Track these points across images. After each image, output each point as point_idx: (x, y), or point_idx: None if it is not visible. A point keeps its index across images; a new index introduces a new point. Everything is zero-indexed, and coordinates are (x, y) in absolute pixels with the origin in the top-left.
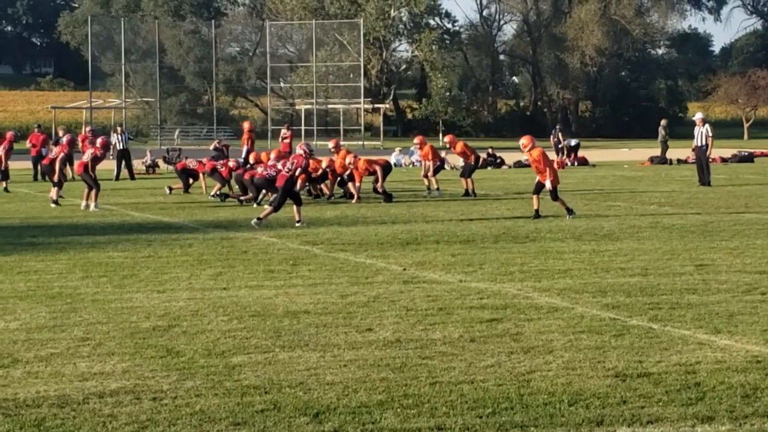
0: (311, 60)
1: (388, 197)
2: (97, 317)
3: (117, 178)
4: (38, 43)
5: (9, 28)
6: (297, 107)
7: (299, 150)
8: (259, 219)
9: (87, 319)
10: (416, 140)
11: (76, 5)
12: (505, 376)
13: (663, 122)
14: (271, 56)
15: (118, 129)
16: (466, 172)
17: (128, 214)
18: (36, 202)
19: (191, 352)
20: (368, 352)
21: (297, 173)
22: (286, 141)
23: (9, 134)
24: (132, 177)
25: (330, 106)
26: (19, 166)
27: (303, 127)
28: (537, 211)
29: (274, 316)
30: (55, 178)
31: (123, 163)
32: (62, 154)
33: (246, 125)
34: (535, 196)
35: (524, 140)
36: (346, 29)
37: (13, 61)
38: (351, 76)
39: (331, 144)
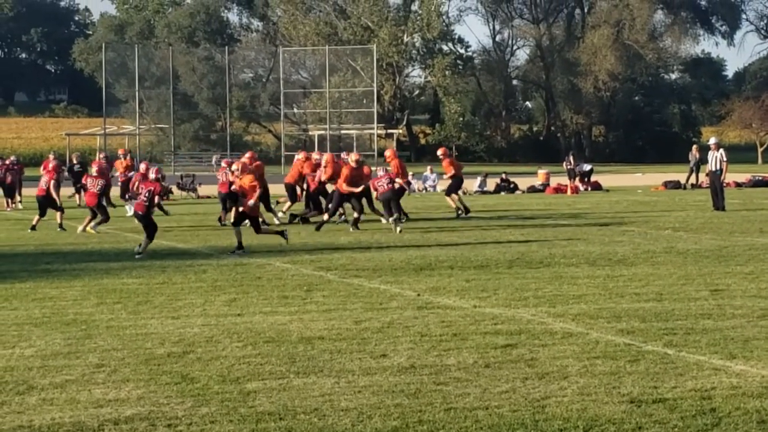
0: (324, 85)
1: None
2: (112, 344)
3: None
4: (53, 70)
5: (24, 55)
6: (310, 133)
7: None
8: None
9: (102, 346)
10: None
11: (91, 32)
12: (519, 402)
13: (694, 147)
14: (284, 82)
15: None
16: (452, 189)
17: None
18: (50, 230)
19: (206, 378)
20: (383, 377)
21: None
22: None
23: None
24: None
25: (343, 131)
26: (30, 192)
27: (317, 152)
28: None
29: (288, 342)
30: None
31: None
32: (53, 181)
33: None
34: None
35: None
36: (359, 55)
37: (28, 88)
38: (364, 101)
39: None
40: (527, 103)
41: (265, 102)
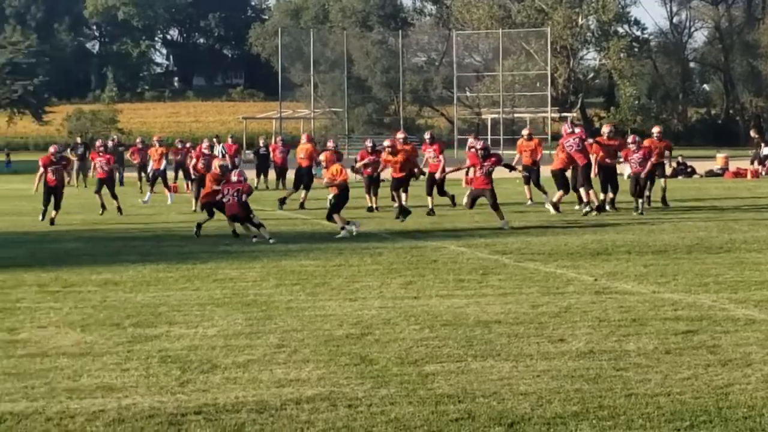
0: (498, 69)
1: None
2: (291, 324)
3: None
4: (230, 55)
5: (202, 40)
6: (483, 116)
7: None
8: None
9: (282, 327)
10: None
11: (267, 17)
12: (702, 388)
13: None
14: (457, 66)
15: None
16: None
17: (318, 223)
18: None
19: (384, 360)
20: (561, 362)
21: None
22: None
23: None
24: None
25: (516, 115)
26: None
27: (489, 136)
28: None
29: (465, 325)
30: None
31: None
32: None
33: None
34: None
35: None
36: (533, 38)
37: (205, 72)
38: (538, 84)
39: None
40: (704, 86)
41: (437, 86)
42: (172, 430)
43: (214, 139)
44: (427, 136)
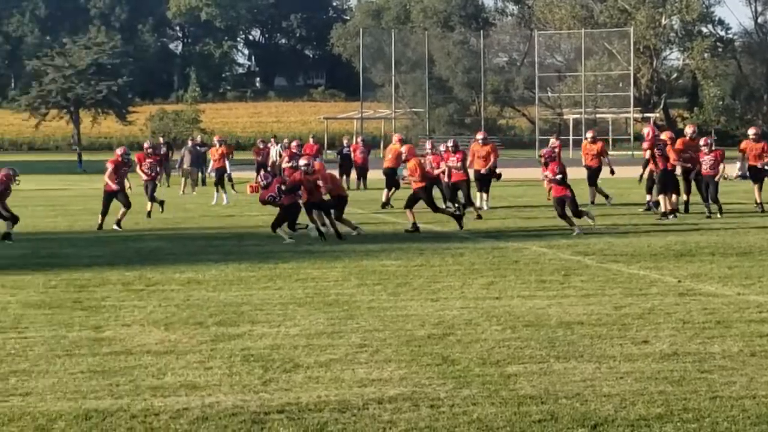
0: (580, 69)
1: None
2: (373, 324)
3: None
4: (311, 56)
5: (284, 41)
6: (565, 117)
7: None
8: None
9: (363, 326)
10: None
11: (348, 18)
12: None
13: None
14: (539, 66)
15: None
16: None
17: (398, 223)
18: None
19: (466, 360)
20: (645, 364)
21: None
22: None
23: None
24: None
25: (599, 115)
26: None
27: (571, 137)
28: None
29: (547, 326)
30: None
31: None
32: None
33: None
34: None
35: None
36: (615, 38)
37: (287, 73)
38: (620, 85)
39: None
40: None
41: (519, 86)
42: (256, 429)
43: (272, 140)
44: (450, 143)
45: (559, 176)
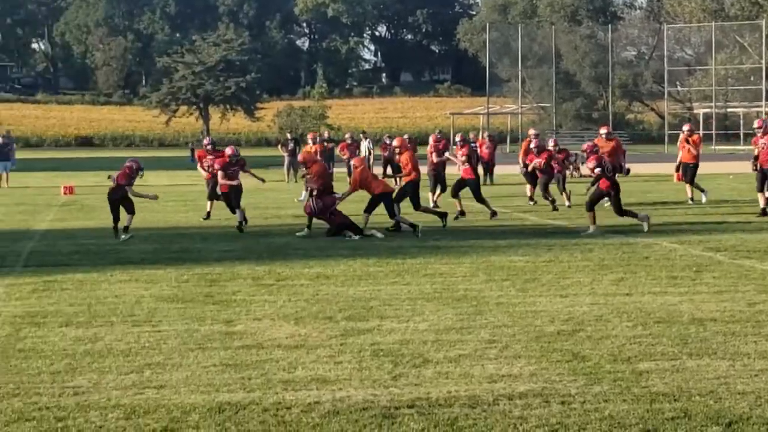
0: (710, 63)
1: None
2: (502, 320)
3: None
4: (437, 51)
5: (410, 36)
6: (695, 111)
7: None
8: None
9: (492, 322)
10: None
11: (474, 13)
12: None
13: None
14: (668, 59)
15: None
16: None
17: (526, 219)
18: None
19: (597, 357)
20: None
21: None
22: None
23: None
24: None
25: (729, 109)
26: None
27: (701, 132)
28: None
29: (679, 323)
30: None
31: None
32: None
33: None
34: None
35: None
36: (747, 31)
37: (413, 68)
38: (752, 78)
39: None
40: None
41: (647, 80)
42: (386, 423)
43: (361, 135)
44: (458, 138)
45: (597, 170)
